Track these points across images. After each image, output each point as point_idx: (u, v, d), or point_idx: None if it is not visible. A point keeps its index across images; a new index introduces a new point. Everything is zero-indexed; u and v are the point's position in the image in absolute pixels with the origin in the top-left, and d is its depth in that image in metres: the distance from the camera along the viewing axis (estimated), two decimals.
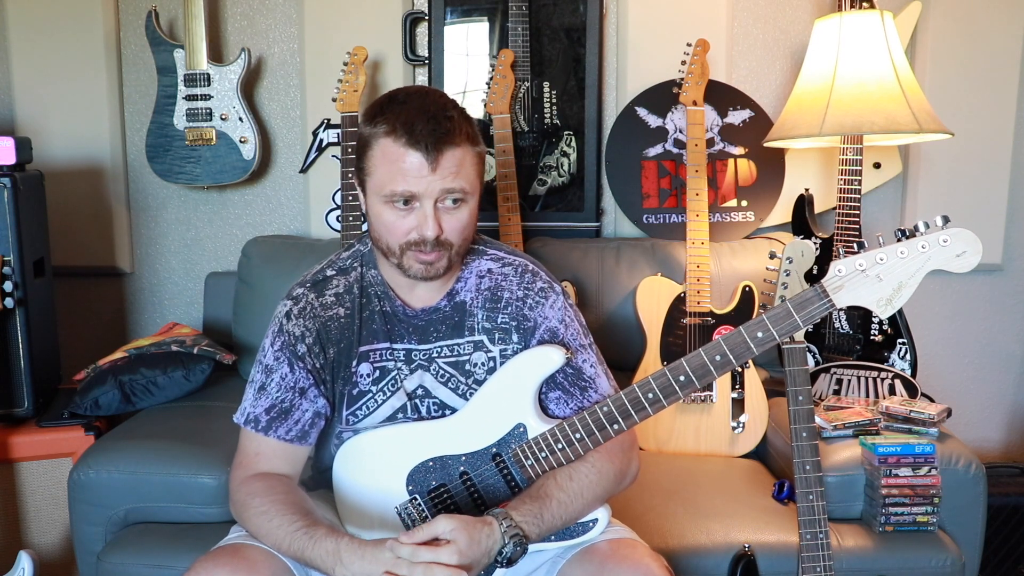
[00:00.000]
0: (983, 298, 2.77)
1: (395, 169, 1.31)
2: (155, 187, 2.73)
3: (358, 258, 1.48)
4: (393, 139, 1.31)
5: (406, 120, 1.30)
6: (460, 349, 1.46)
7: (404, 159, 1.30)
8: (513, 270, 1.48)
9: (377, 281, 1.46)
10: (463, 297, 1.46)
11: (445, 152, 1.30)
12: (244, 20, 2.68)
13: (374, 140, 1.33)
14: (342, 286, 1.45)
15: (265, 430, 1.41)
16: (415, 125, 1.29)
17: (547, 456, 1.37)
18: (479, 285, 1.46)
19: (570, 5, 2.59)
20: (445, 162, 1.30)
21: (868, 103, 2.07)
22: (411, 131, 1.29)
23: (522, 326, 1.45)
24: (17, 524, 2.10)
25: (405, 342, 1.45)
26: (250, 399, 1.44)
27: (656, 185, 2.58)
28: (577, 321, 1.49)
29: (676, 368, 1.32)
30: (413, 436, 1.43)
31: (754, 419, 2.22)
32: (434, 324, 1.45)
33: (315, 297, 1.44)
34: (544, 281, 1.48)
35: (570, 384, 1.45)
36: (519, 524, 1.29)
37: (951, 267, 1.28)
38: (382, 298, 1.45)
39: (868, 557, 1.80)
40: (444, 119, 1.31)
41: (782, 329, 1.31)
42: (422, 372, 1.45)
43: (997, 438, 2.83)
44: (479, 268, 1.47)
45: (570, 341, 1.45)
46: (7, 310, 2.06)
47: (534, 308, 1.45)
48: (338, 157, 2.39)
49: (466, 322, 1.46)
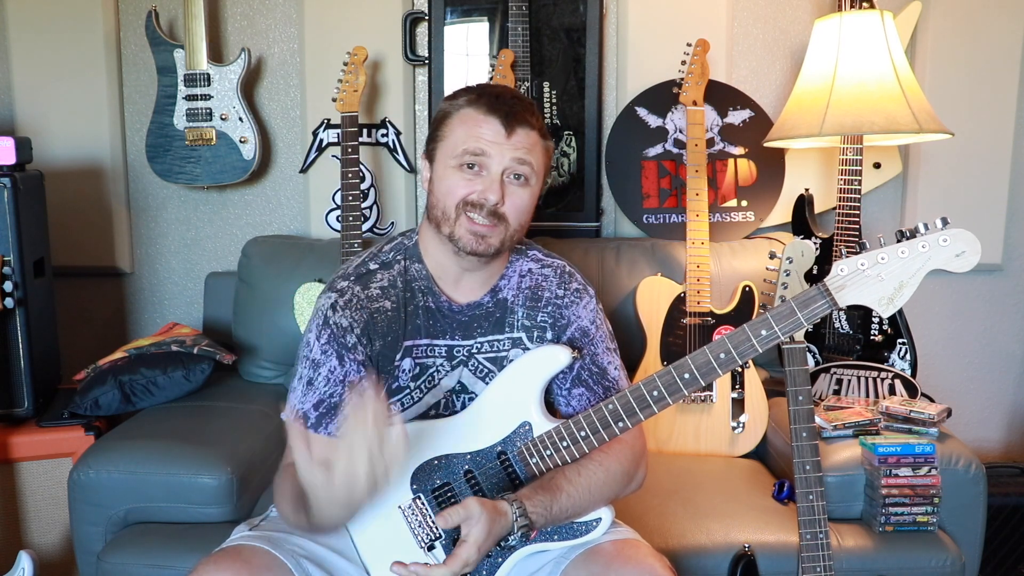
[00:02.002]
0: (983, 298, 2.77)
1: (472, 132, 1.38)
2: (155, 187, 2.73)
3: (401, 251, 1.49)
4: (475, 107, 1.39)
5: (491, 92, 1.41)
6: (500, 345, 1.48)
7: (483, 123, 1.38)
8: (553, 271, 1.52)
9: (421, 275, 1.47)
10: (505, 294, 1.49)
11: (521, 126, 1.38)
12: (244, 20, 2.68)
13: (454, 110, 1.42)
14: (386, 280, 1.46)
15: (315, 426, 1.40)
16: (499, 98, 1.40)
17: (552, 454, 1.38)
18: (520, 284, 1.50)
19: (570, 5, 2.59)
20: (519, 135, 1.38)
21: (868, 103, 2.07)
22: (494, 101, 1.39)
23: (557, 323, 1.50)
24: (17, 524, 2.10)
25: (447, 338, 1.46)
26: (299, 395, 1.42)
27: (656, 185, 2.58)
28: (606, 326, 1.54)
29: (681, 366, 1.33)
30: (418, 434, 1.43)
31: (754, 419, 2.22)
32: (478, 320, 1.47)
33: (360, 289, 1.44)
34: (579, 283, 1.53)
35: (594, 382, 1.48)
36: (530, 515, 1.31)
37: (951, 267, 1.30)
38: (426, 293, 1.46)
39: (868, 557, 1.81)
40: (525, 101, 1.43)
41: (785, 327, 1.32)
42: (462, 368, 1.47)
43: (997, 438, 2.83)
44: (521, 268, 1.51)
45: (599, 342, 1.50)
46: (7, 310, 2.06)
47: (569, 307, 1.50)
48: (338, 157, 2.39)
49: (507, 319, 1.48)
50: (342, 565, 1.40)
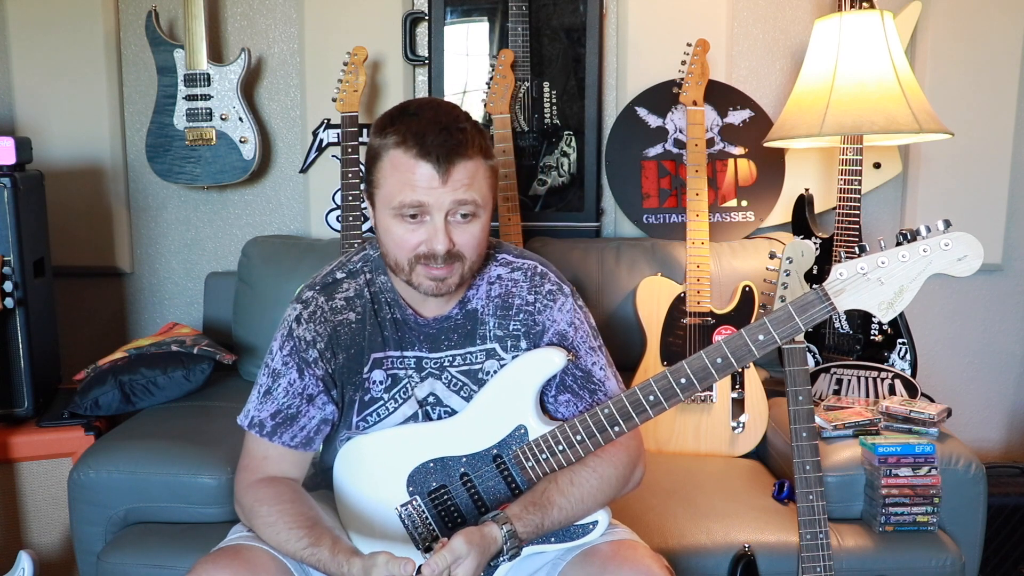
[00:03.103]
0: (983, 298, 2.77)
1: (405, 180, 1.28)
2: (155, 187, 2.73)
3: (368, 262, 1.46)
4: (404, 150, 1.28)
5: (417, 131, 1.28)
6: (472, 358, 1.44)
7: (415, 170, 1.28)
8: (523, 274, 1.45)
9: (387, 288, 1.44)
10: (474, 305, 1.44)
11: (456, 164, 1.28)
12: (244, 20, 2.68)
13: (384, 152, 1.31)
14: (352, 290, 1.43)
15: (270, 435, 1.40)
16: (426, 136, 1.27)
17: (548, 458, 1.37)
18: (489, 292, 1.44)
19: (570, 5, 2.59)
20: (456, 174, 1.28)
21: (868, 103, 2.07)
22: (422, 142, 1.27)
23: (531, 332, 1.44)
24: (17, 524, 2.10)
25: (415, 350, 1.44)
26: (255, 402, 1.42)
27: (656, 185, 2.58)
28: (587, 323, 1.47)
29: (677, 370, 1.32)
30: (414, 437, 1.43)
31: (754, 419, 2.22)
32: (445, 333, 1.44)
33: (325, 300, 1.42)
34: (553, 283, 1.46)
35: (579, 387, 1.44)
36: (520, 535, 1.30)
37: (952, 271, 1.27)
38: (392, 305, 1.43)
39: (868, 557, 1.81)
40: (456, 131, 1.29)
41: (783, 332, 1.30)
42: (433, 380, 1.44)
43: (997, 438, 2.83)
44: (490, 275, 1.45)
45: (579, 344, 1.44)
46: (7, 310, 2.06)
47: (542, 312, 1.44)
48: (338, 157, 2.39)
49: (478, 330, 1.44)
50: None
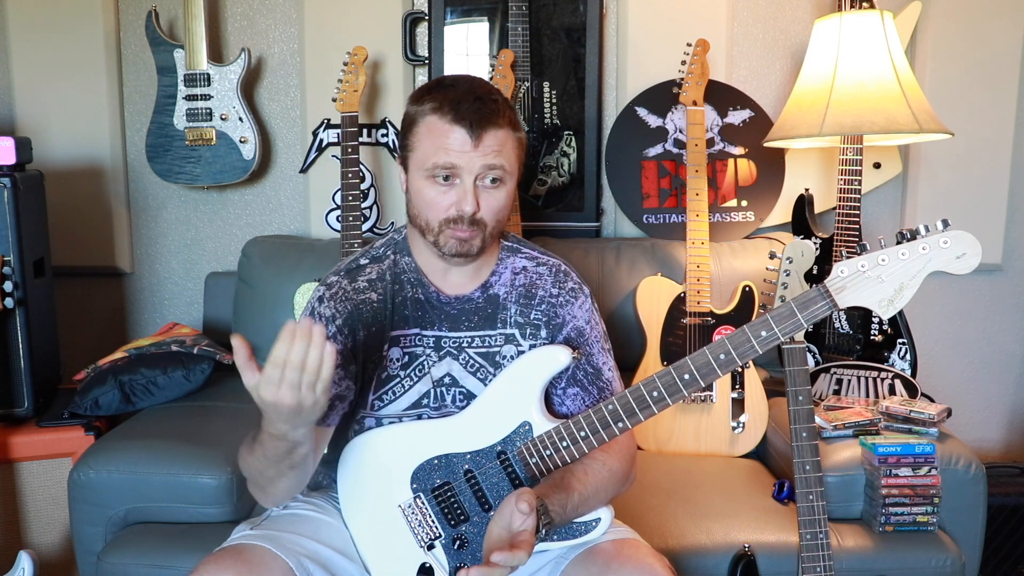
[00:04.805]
0: (983, 298, 2.77)
1: (439, 144, 1.36)
2: (155, 187, 2.73)
3: (391, 246, 1.52)
4: (439, 116, 1.36)
5: (453, 99, 1.37)
6: (491, 340, 1.48)
7: (449, 134, 1.36)
8: (548, 269, 1.52)
9: (410, 268, 1.49)
10: (497, 290, 1.49)
11: (488, 130, 1.36)
12: (244, 20, 2.68)
13: (420, 117, 1.39)
14: (375, 273, 1.49)
15: None
16: (461, 104, 1.36)
17: (552, 454, 1.38)
18: (514, 281, 1.50)
19: (570, 5, 2.59)
20: (487, 140, 1.36)
21: (868, 103, 2.07)
22: (457, 108, 1.35)
23: (552, 322, 1.49)
24: (17, 524, 2.10)
25: (435, 329, 1.48)
26: None
27: (656, 185, 2.58)
28: (601, 325, 1.54)
29: (681, 367, 1.33)
30: (418, 434, 1.44)
31: (754, 419, 2.22)
32: (466, 313, 1.48)
33: (348, 283, 1.47)
34: (575, 282, 1.52)
35: (589, 382, 1.48)
36: (552, 513, 1.29)
37: (951, 269, 1.30)
38: (415, 284, 1.48)
39: (868, 557, 1.81)
40: (490, 101, 1.37)
41: (785, 328, 1.32)
42: (451, 360, 1.47)
43: (997, 438, 2.83)
44: (514, 265, 1.51)
45: (593, 342, 1.50)
46: (7, 310, 2.06)
47: (564, 306, 1.50)
48: (338, 157, 2.39)
49: (499, 315, 1.49)
50: (343, 564, 1.40)
